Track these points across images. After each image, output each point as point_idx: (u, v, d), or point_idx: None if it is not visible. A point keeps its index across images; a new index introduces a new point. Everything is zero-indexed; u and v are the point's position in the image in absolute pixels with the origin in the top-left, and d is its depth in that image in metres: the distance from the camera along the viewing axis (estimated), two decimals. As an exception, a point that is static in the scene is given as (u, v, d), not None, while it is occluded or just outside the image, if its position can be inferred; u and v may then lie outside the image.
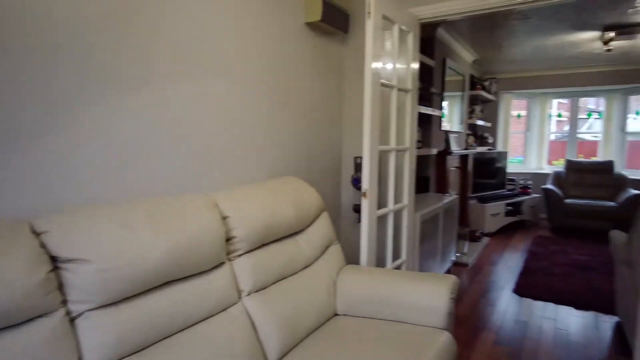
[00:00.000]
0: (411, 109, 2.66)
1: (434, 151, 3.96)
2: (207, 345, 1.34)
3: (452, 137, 4.68)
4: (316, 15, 2.49)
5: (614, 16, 3.65)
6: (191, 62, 1.80)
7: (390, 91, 2.46)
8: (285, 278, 1.84)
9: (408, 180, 2.68)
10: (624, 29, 3.96)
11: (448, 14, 2.60)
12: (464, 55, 5.03)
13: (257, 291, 1.67)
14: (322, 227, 2.12)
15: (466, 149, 5.05)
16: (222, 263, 1.56)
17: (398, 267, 2.66)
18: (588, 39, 4.39)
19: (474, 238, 5.01)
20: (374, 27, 2.18)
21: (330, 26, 2.62)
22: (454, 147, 4.70)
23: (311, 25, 2.60)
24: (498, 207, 5.55)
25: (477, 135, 6.22)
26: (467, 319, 3.03)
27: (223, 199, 1.66)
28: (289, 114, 2.48)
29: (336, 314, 2.00)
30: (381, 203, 2.45)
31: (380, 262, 2.48)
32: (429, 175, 4.13)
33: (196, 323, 1.38)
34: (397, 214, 2.64)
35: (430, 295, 1.82)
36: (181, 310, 1.33)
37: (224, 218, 1.61)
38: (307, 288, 1.87)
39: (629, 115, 6.18)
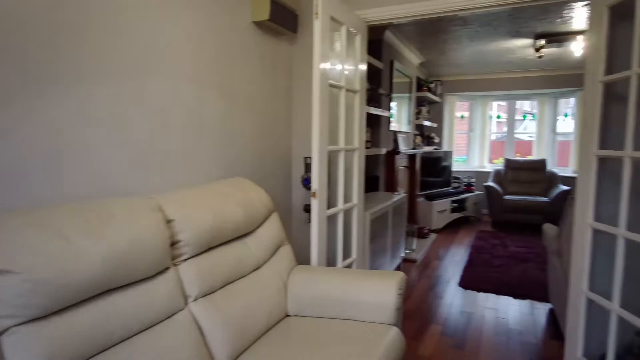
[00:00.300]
0: (360, 110, 2.70)
1: (383, 151, 4.06)
2: (149, 355, 1.28)
3: (400, 137, 4.82)
4: (264, 14, 2.47)
5: (545, 25, 3.93)
6: (129, 59, 1.71)
7: (338, 92, 2.48)
8: (234, 281, 1.80)
9: (357, 179, 2.72)
10: (553, 37, 4.28)
11: (393, 17, 2.68)
12: (411, 58, 5.20)
13: (204, 296, 1.62)
14: (271, 228, 2.10)
15: (414, 148, 5.22)
16: (167, 268, 1.50)
17: (349, 266, 2.70)
18: (522, 45, 4.69)
19: (422, 234, 5.19)
20: (321, 28, 2.19)
21: (278, 26, 2.61)
22: (402, 147, 4.85)
23: (259, 25, 2.57)
24: (444, 204, 5.79)
25: (424, 135, 6.46)
26: (416, 313, 3.13)
27: (167, 201, 1.60)
28: (239, 113, 2.44)
29: (287, 315, 1.99)
30: (331, 203, 2.47)
31: (331, 262, 2.50)
32: (378, 174, 4.23)
33: (138, 333, 1.31)
34: (347, 213, 2.67)
35: (379, 292, 1.86)
36: (121, 321, 1.26)
37: (168, 222, 1.55)
38: (257, 290, 1.85)
39: (559, 117, 6.69)
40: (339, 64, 2.49)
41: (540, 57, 4.62)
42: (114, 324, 1.23)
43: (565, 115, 6.60)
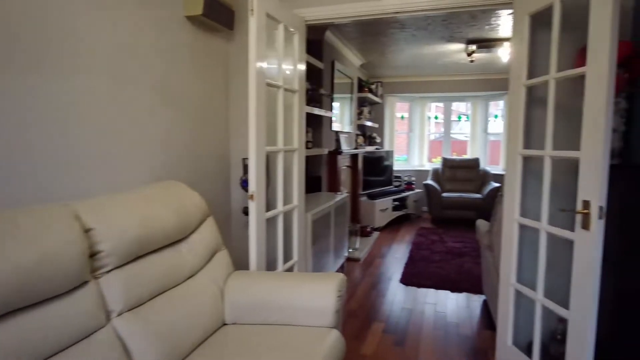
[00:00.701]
0: (299, 110, 2.67)
1: (325, 151, 4.06)
2: (63, 380, 1.15)
3: (342, 137, 4.86)
4: (197, 8, 2.35)
5: (475, 31, 4.14)
6: (50, 53, 1.54)
7: (277, 91, 2.43)
8: (165, 291, 1.69)
9: (297, 180, 2.69)
10: (483, 43, 4.52)
11: (332, 17, 2.67)
12: (352, 59, 5.26)
13: (130, 310, 1.50)
14: (207, 234, 2.00)
15: (356, 148, 5.29)
16: (86, 282, 1.36)
17: (290, 269, 2.66)
18: (455, 50, 4.92)
19: (365, 233, 5.27)
20: (257, 25, 2.12)
21: (213, 22, 2.50)
22: (345, 147, 4.89)
23: (192, 20, 2.45)
24: (386, 202, 5.93)
25: (366, 135, 6.58)
26: (359, 312, 3.15)
27: (86, 208, 1.46)
28: (172, 112, 2.31)
29: (224, 324, 1.91)
30: (270, 205, 2.41)
31: (271, 265, 2.44)
32: (320, 174, 4.22)
33: (49, 357, 1.17)
34: (288, 215, 2.63)
35: (318, 295, 1.83)
36: (29, 344, 1.12)
37: (87, 231, 1.41)
38: (191, 299, 1.74)
39: (490, 119, 7.11)
40: (277, 63, 2.43)
41: (471, 61, 4.87)
42: (21, 348, 1.09)
43: (495, 117, 7.03)
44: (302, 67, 2.71)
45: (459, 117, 7.39)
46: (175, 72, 2.33)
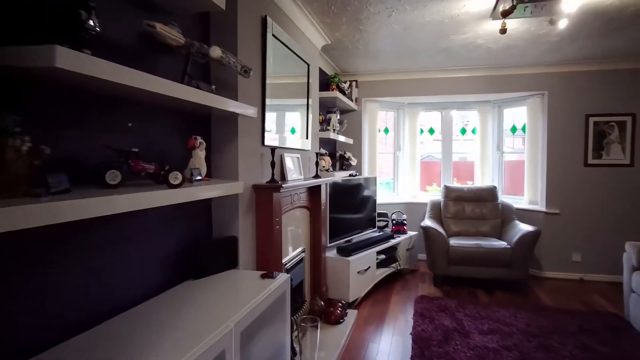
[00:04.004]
0: None
1: (240, 188, 1.95)
2: None
3: (290, 159, 2.79)
4: None
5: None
6: None
7: None
8: None
9: None
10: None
11: None
12: (308, 30, 3.25)
13: None
14: None
15: (317, 176, 3.23)
16: None
17: None
18: (475, 12, 2.97)
19: (333, 319, 3.15)
20: None
21: None
22: (295, 175, 2.82)
23: None
24: (367, 258, 3.84)
25: (336, 155, 4.53)
26: None
27: None
28: None
29: None
30: None
31: None
32: (236, 233, 2.11)
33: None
34: None
35: None
36: None
37: None
38: None
39: (506, 130, 5.21)
40: None
41: (503, 30, 2.92)
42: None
43: (513, 130, 5.13)
44: None
45: (463, 131, 5.47)
46: None
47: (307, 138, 3.26)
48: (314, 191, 3.28)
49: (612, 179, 4.39)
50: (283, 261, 2.60)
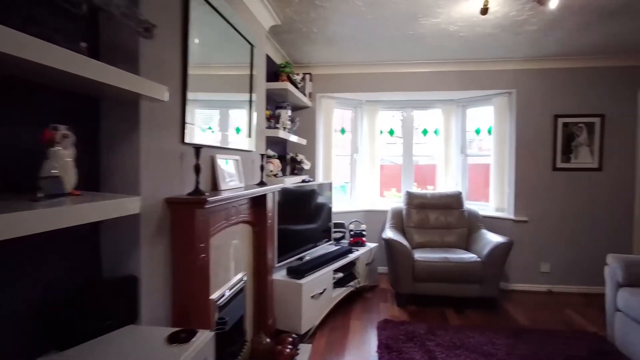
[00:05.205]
0: None
1: (132, 206, 1.29)
2: None
3: (224, 161, 2.15)
4: None
5: None
6: None
7: None
8: None
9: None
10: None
11: None
12: (254, 6, 2.63)
13: None
14: None
15: (262, 183, 2.61)
16: None
17: None
18: (453, -12, 2.50)
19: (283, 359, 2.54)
20: None
21: None
22: (231, 183, 2.18)
23: None
24: (322, 279, 3.27)
25: (286, 158, 3.93)
26: None
27: None
28: None
29: None
30: None
31: None
32: (137, 271, 1.44)
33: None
34: None
35: None
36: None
37: None
38: None
39: (468, 132, 4.86)
40: None
41: (485, 11, 2.46)
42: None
43: (478, 132, 4.78)
44: None
45: (424, 131, 5.06)
46: None
47: (249, 136, 2.63)
48: (258, 202, 2.65)
49: (581, 184, 4.13)
50: (213, 297, 1.96)
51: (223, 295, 2.10)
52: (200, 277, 1.71)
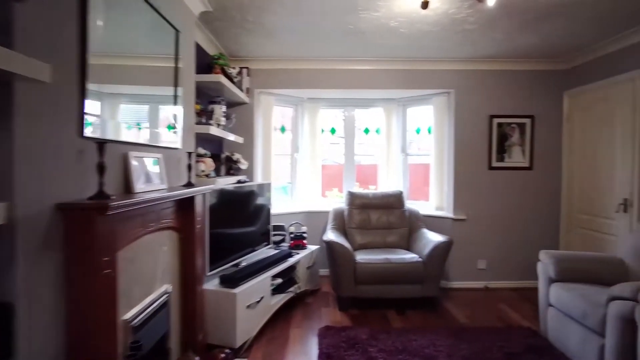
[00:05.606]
0: None
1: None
2: None
3: (137, 160, 1.87)
4: None
5: None
6: None
7: None
8: None
9: None
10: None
11: None
12: (175, -14, 2.35)
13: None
14: None
15: (189, 184, 2.34)
16: None
17: None
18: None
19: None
20: None
21: None
22: (151, 185, 1.91)
23: None
24: (260, 286, 3.05)
25: (220, 158, 3.65)
26: None
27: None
28: None
29: None
30: None
31: None
32: (12, 298, 1.15)
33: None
34: None
35: None
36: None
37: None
38: None
39: (408, 131, 4.86)
40: None
41: (425, 3, 2.38)
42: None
43: (418, 131, 4.80)
44: None
45: (366, 130, 5.01)
46: None
47: (175, 132, 2.35)
48: (184, 205, 2.38)
49: (514, 183, 4.27)
50: (126, 318, 1.68)
51: (140, 314, 1.82)
52: (105, 297, 1.43)
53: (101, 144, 1.45)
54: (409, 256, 3.67)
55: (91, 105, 1.50)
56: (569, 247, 4.14)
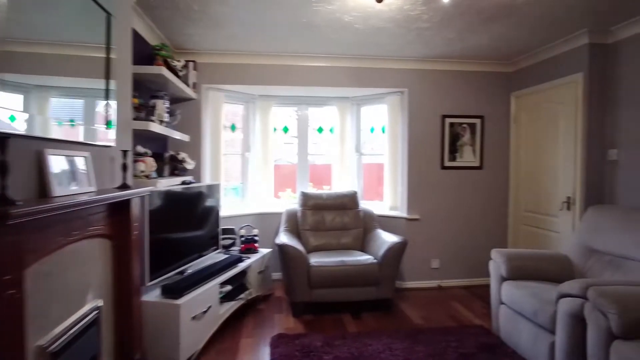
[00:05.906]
0: None
1: None
2: None
3: (57, 158, 1.62)
4: None
5: None
6: None
7: None
8: None
9: None
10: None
11: None
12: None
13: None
14: None
15: (125, 186, 2.10)
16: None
17: None
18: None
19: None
20: None
21: None
22: (75, 187, 1.66)
23: None
24: (206, 295, 2.83)
25: (164, 157, 3.38)
26: None
27: None
28: None
29: None
30: None
31: None
32: None
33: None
34: None
35: None
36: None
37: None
38: None
39: (363, 130, 4.81)
40: None
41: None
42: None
43: (372, 130, 4.76)
44: None
45: (320, 129, 4.90)
46: None
47: (106, 128, 2.09)
48: (118, 209, 2.13)
49: (465, 182, 4.33)
50: (41, 344, 1.43)
51: (60, 337, 1.57)
52: (8, 322, 1.19)
53: (2, 139, 1.21)
54: (364, 258, 3.59)
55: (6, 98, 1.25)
56: (516, 244, 4.26)
